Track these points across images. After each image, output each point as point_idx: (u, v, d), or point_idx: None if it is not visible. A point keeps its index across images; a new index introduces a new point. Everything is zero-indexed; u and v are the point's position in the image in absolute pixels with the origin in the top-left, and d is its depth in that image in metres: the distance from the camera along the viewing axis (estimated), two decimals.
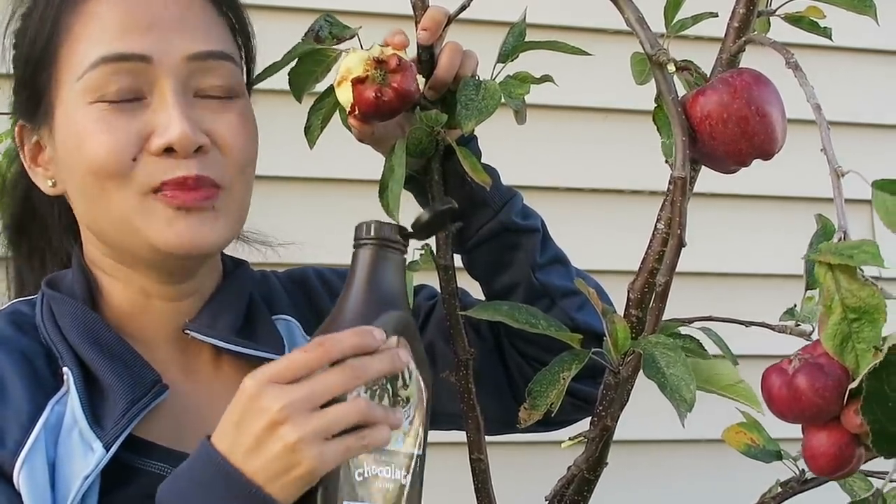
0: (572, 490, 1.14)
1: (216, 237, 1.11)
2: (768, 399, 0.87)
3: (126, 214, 1.09)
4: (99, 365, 1.10)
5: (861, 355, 0.83)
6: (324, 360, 0.94)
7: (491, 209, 1.23)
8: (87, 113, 1.08)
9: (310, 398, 0.92)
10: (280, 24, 1.00)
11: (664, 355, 1.01)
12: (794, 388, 0.85)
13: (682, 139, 0.99)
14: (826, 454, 0.86)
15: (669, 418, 1.57)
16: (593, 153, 2.31)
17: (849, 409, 0.84)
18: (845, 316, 0.84)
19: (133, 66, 1.08)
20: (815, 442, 0.86)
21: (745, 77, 0.98)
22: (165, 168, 1.08)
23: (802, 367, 0.85)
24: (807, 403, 0.85)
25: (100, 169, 1.08)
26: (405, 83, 1.09)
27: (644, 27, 1.00)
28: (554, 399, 1.04)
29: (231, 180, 1.12)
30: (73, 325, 1.12)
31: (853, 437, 0.85)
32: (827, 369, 0.84)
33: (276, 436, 0.92)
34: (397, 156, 1.11)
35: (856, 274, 0.84)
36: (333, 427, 0.92)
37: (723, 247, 2.32)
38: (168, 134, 1.07)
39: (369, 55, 1.09)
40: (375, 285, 0.98)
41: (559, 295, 1.25)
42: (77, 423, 1.06)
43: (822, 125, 0.89)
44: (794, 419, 0.86)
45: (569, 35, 1.26)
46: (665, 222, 1.06)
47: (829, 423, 0.86)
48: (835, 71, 2.35)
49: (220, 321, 1.17)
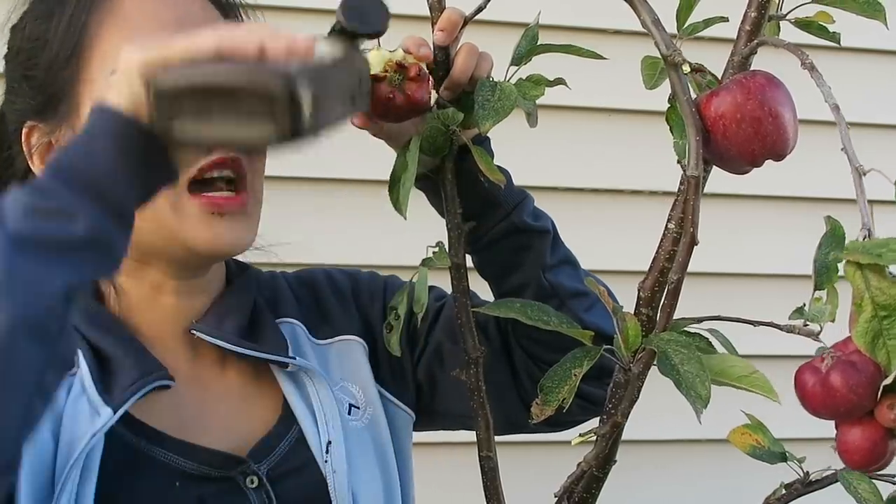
0: (581, 487, 1.15)
1: (249, 239, 1.15)
2: (802, 397, 0.88)
3: (162, 214, 1.10)
4: (108, 346, 1.12)
5: (892, 351, 0.85)
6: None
7: (503, 210, 1.24)
8: None
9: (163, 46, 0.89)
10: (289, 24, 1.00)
11: (678, 352, 1.02)
12: (829, 385, 0.87)
13: (696, 139, 1.00)
14: (861, 449, 0.88)
15: (674, 419, 1.59)
16: (597, 153, 2.32)
17: (882, 404, 0.86)
18: (875, 314, 0.85)
19: None
20: (850, 437, 0.88)
21: (759, 79, 1.00)
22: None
23: (836, 365, 0.87)
24: (841, 400, 0.86)
25: None
26: (419, 93, 1.11)
27: (660, 28, 1.01)
28: (566, 395, 1.05)
29: (253, 179, 1.15)
30: (81, 316, 1.13)
31: (887, 431, 0.86)
32: (860, 366, 0.86)
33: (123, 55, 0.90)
34: (412, 152, 1.12)
35: (885, 272, 0.86)
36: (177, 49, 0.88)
37: (729, 247, 2.33)
38: None
39: (392, 57, 1.10)
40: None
41: (568, 295, 1.26)
42: (86, 391, 1.08)
43: (842, 125, 0.90)
44: (829, 416, 0.88)
45: (577, 36, 1.28)
46: (676, 222, 1.07)
47: (862, 418, 0.87)
48: (846, 72, 2.37)
49: (227, 323, 1.18)
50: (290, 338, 1.23)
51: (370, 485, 1.20)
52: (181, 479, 1.10)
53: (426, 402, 1.31)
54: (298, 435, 1.18)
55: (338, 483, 1.16)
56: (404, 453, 1.26)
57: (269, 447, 1.16)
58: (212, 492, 1.11)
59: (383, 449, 1.23)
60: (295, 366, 1.19)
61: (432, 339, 1.30)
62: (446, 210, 1.19)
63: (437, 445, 1.70)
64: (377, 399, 1.25)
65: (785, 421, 1.24)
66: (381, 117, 1.13)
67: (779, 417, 1.22)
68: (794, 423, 1.45)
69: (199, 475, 1.11)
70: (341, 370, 1.24)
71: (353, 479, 1.17)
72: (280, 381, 1.19)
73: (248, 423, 1.18)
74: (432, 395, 1.31)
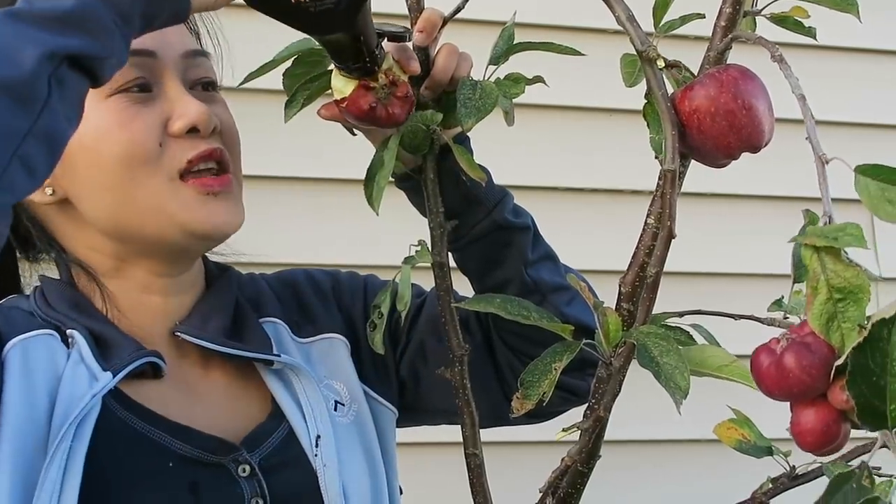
0: (566, 483, 1.15)
1: (240, 218, 1.18)
2: (757, 378, 0.89)
3: (158, 201, 1.13)
4: (103, 330, 1.15)
5: (847, 334, 0.85)
6: None
7: (485, 207, 1.25)
8: (107, 106, 1.13)
9: None
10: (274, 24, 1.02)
11: (657, 345, 1.02)
12: (782, 366, 0.87)
13: (672, 133, 1.01)
14: (814, 431, 0.88)
15: (663, 419, 1.59)
16: (590, 153, 2.33)
17: (835, 386, 0.86)
18: (831, 296, 0.86)
19: (142, 60, 1.14)
20: (803, 419, 0.88)
21: (732, 72, 1.01)
22: (189, 147, 1.14)
23: (790, 346, 0.87)
24: (794, 381, 0.86)
25: (131, 157, 1.12)
26: (400, 111, 1.13)
27: (634, 25, 1.02)
28: (546, 389, 1.05)
29: (234, 166, 1.18)
30: (68, 305, 1.16)
31: (840, 413, 0.87)
32: (814, 348, 0.86)
33: None
34: (389, 150, 1.13)
35: (840, 255, 0.86)
36: None
37: (711, 246, 2.34)
38: (189, 115, 1.14)
39: (390, 65, 1.12)
40: None
41: (550, 290, 1.28)
42: (84, 359, 1.11)
43: (807, 115, 0.91)
44: (783, 397, 0.88)
45: (563, 34, 1.29)
46: (655, 217, 1.08)
47: (816, 400, 0.88)
48: (823, 70, 2.39)
49: (210, 323, 1.20)
50: (274, 337, 1.24)
51: (359, 480, 1.20)
52: (175, 461, 1.11)
53: (409, 398, 1.32)
54: (288, 430, 1.18)
55: (328, 477, 1.16)
56: (389, 449, 1.27)
57: (261, 438, 1.17)
58: (205, 476, 1.12)
59: (369, 445, 1.24)
60: (280, 363, 1.20)
61: (414, 337, 1.31)
62: (428, 209, 1.20)
63: (422, 445, 1.71)
64: (361, 396, 1.26)
65: (770, 418, 1.25)
66: (354, 118, 1.14)
67: (763, 415, 1.23)
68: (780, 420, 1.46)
69: (192, 458, 1.12)
70: (325, 368, 1.25)
71: (343, 474, 1.18)
72: (266, 380, 1.20)
73: (236, 420, 1.19)
74: (416, 392, 1.31)
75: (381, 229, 1.23)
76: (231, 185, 1.17)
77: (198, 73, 1.19)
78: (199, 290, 1.23)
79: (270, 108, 1.30)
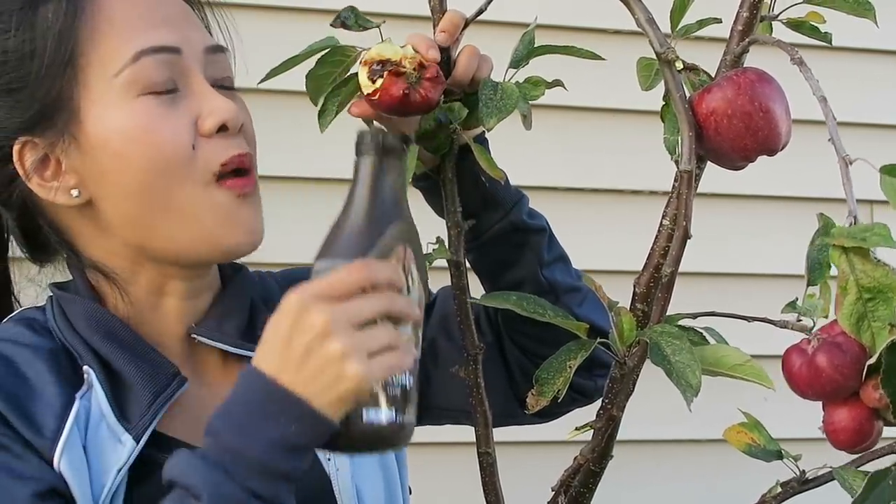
0: (578, 482, 1.16)
1: (263, 224, 1.16)
2: (789, 378, 0.90)
3: (194, 210, 1.11)
4: (118, 359, 1.12)
5: (877, 333, 0.87)
6: (364, 285, 0.96)
7: (502, 208, 1.26)
8: (136, 107, 1.10)
9: (351, 315, 0.95)
10: (287, 25, 1.03)
11: (669, 343, 1.04)
12: (815, 366, 0.88)
13: (689, 134, 1.03)
14: (847, 429, 0.89)
15: (672, 419, 1.59)
16: (597, 153, 2.34)
17: (867, 384, 0.87)
18: (860, 296, 0.87)
19: (168, 57, 1.11)
20: (837, 418, 0.89)
21: (749, 75, 1.02)
22: (221, 149, 1.11)
23: (821, 346, 0.88)
24: (827, 381, 0.88)
25: (165, 160, 1.10)
26: (433, 93, 1.13)
27: (654, 27, 1.04)
28: (561, 386, 1.07)
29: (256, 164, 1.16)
30: (87, 322, 1.13)
31: (872, 411, 0.88)
32: (845, 347, 0.88)
33: (325, 348, 0.94)
34: (410, 151, 1.14)
35: (869, 255, 0.88)
36: (374, 345, 0.95)
37: (724, 247, 2.34)
38: (219, 113, 1.11)
39: (412, 54, 1.12)
40: (380, 196, 1.00)
41: (563, 291, 1.28)
42: (105, 417, 1.09)
43: (829, 116, 0.92)
44: (815, 396, 0.89)
45: (577, 36, 1.29)
46: (671, 218, 1.09)
47: (848, 399, 0.89)
48: (840, 72, 2.39)
49: (227, 325, 1.19)
50: None
51: (373, 482, 1.20)
52: None
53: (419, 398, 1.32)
54: None
55: (342, 481, 1.16)
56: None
57: None
58: None
59: None
60: None
61: (426, 335, 1.31)
62: (446, 209, 1.21)
63: (431, 445, 1.71)
64: None
65: (780, 421, 1.26)
66: (386, 110, 1.14)
67: (774, 417, 1.23)
68: (790, 423, 1.46)
69: None
70: None
71: (357, 477, 1.18)
72: None
73: None
74: (426, 392, 1.31)
75: None
76: (256, 187, 1.15)
77: (219, 71, 1.16)
78: (215, 290, 1.22)
79: (281, 108, 1.31)
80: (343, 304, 0.95)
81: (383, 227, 1.00)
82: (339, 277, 0.97)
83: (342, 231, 1.00)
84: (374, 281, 0.97)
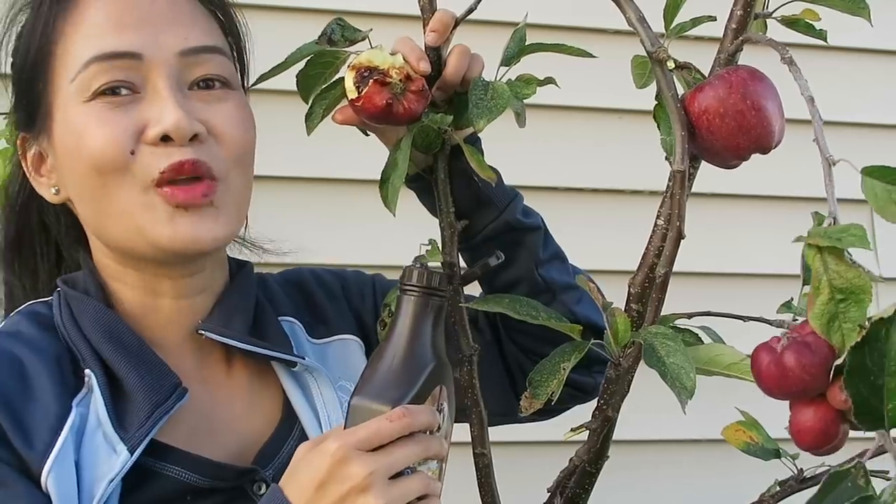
0: (574, 483, 1.16)
1: (216, 234, 1.12)
2: (757, 376, 0.89)
3: (128, 211, 1.10)
4: (121, 366, 1.11)
5: (847, 334, 0.86)
6: (404, 433, 1.00)
7: (496, 208, 1.25)
8: (83, 111, 1.10)
9: (391, 467, 0.99)
10: (286, 25, 1.02)
11: (664, 345, 1.03)
12: (782, 365, 0.87)
13: (682, 134, 1.01)
14: (812, 429, 0.88)
15: (671, 418, 1.59)
16: (597, 153, 2.33)
17: (834, 385, 0.86)
18: (833, 296, 0.86)
19: (124, 63, 1.10)
20: (802, 418, 0.88)
21: (741, 73, 1.01)
22: (163, 157, 1.09)
23: (790, 345, 0.87)
24: (794, 380, 0.87)
25: (100, 163, 1.10)
26: (417, 105, 1.13)
27: (645, 26, 1.03)
28: (554, 388, 1.06)
29: (227, 171, 1.13)
30: (93, 324, 1.14)
31: (838, 413, 0.87)
32: (814, 347, 0.86)
33: (359, 502, 0.97)
34: (402, 151, 1.13)
35: (843, 256, 0.87)
36: (407, 497, 0.99)
37: (720, 246, 2.34)
38: (163, 122, 1.09)
39: (401, 64, 1.12)
40: (421, 338, 1.05)
41: (560, 289, 1.28)
42: (101, 425, 1.08)
43: (815, 117, 0.91)
44: (782, 395, 0.88)
45: (571, 35, 1.29)
46: (665, 218, 1.08)
47: (815, 399, 0.88)
48: (834, 71, 2.39)
49: (234, 321, 1.19)
50: (291, 336, 1.24)
51: None
52: (192, 494, 1.11)
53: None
54: (300, 435, 1.19)
55: None
56: None
57: (274, 450, 1.17)
58: (221, 501, 1.12)
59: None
60: (303, 366, 1.20)
61: None
62: (439, 209, 1.21)
63: None
64: None
65: (778, 420, 1.25)
66: (369, 118, 1.14)
67: (772, 417, 1.22)
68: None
69: (208, 488, 1.12)
70: (339, 369, 1.25)
71: None
72: (282, 379, 1.20)
73: (253, 424, 1.19)
74: None
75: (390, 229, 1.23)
76: (205, 197, 1.10)
77: (201, 72, 1.13)
78: (220, 287, 1.21)
79: (281, 109, 1.31)
80: (383, 459, 0.99)
81: (423, 368, 1.03)
82: (379, 426, 1.00)
83: (381, 371, 1.04)
84: (413, 429, 1.00)
